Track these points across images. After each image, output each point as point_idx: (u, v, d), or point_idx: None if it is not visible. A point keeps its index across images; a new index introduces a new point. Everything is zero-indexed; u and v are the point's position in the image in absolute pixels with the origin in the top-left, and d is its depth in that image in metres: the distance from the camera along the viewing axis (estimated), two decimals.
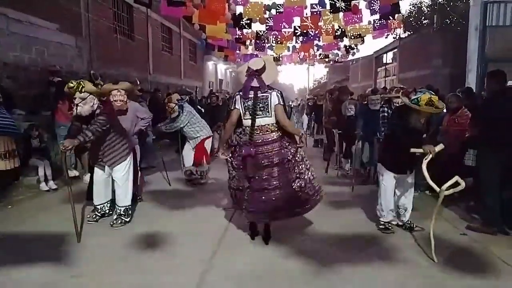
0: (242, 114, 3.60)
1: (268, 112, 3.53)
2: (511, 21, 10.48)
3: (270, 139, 3.58)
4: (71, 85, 4.00)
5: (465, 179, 4.02)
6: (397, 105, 4.36)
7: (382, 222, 4.15)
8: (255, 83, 3.53)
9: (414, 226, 4.14)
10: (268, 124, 3.57)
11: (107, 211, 4.51)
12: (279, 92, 3.59)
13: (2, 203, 5.26)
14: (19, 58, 7.51)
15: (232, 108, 3.65)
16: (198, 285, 3.00)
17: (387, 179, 4.08)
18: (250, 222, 3.88)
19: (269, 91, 3.54)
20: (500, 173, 3.97)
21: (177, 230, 4.17)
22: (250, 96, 3.53)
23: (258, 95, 3.51)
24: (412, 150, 3.61)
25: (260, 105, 3.51)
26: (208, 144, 6.44)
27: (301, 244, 3.79)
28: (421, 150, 3.54)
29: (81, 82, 4.07)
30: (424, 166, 3.49)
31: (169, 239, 3.94)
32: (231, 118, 3.68)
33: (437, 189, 3.43)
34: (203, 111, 9.29)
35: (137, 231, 4.14)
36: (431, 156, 3.48)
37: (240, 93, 3.59)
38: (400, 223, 4.18)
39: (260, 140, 3.56)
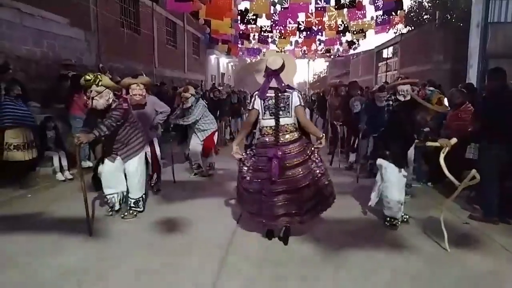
0: (261, 114, 3.57)
1: (289, 112, 3.51)
2: None
3: (291, 139, 3.55)
4: (88, 78, 4.01)
5: (466, 171, 4.27)
6: (403, 93, 4.32)
7: (389, 218, 4.13)
8: (273, 83, 3.51)
9: (406, 218, 4.28)
10: (288, 124, 3.53)
11: (115, 203, 4.50)
12: (300, 92, 3.61)
13: (20, 191, 5.47)
14: (31, 51, 7.66)
15: (251, 108, 3.62)
16: (220, 266, 3.23)
17: (392, 173, 4.04)
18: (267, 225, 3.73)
19: (290, 90, 3.53)
20: (499, 166, 4.19)
21: (194, 218, 4.39)
22: (268, 95, 3.52)
23: (279, 95, 3.49)
24: (429, 144, 3.74)
25: (281, 105, 3.49)
26: (215, 137, 6.67)
27: (311, 231, 3.97)
28: (437, 144, 3.68)
29: (99, 75, 4.09)
30: (441, 160, 3.60)
31: (188, 226, 4.17)
32: (250, 118, 3.67)
33: (457, 183, 3.54)
34: (206, 104, 9.46)
35: (156, 219, 4.37)
36: (448, 149, 3.61)
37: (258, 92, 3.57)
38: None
39: (282, 140, 3.52)
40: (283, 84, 3.52)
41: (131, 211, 4.48)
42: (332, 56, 21.89)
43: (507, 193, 4.32)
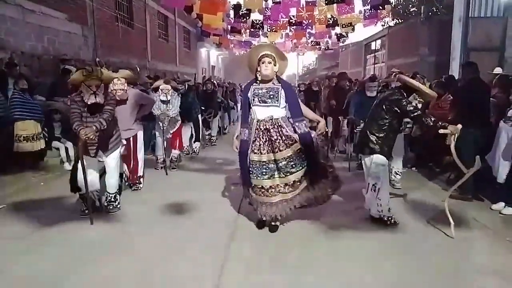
0: None
1: None
2: (491, 13, 11.24)
3: None
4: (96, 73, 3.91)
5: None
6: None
7: (387, 217, 4.03)
8: None
9: None
10: None
11: (96, 201, 4.44)
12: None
13: (33, 180, 5.81)
14: (34, 47, 7.92)
15: None
16: (229, 242, 3.64)
17: (386, 170, 4.05)
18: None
19: None
20: (474, 149, 4.67)
21: (198, 201, 4.78)
22: None
23: None
24: (441, 131, 3.81)
25: None
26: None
27: (309, 213, 4.23)
28: (448, 131, 3.79)
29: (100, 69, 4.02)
30: (452, 146, 3.80)
31: (196, 208, 4.58)
32: None
33: (465, 170, 3.86)
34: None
35: (164, 203, 4.74)
36: (457, 135, 3.78)
37: None
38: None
39: None
40: None
41: (113, 204, 4.44)
42: (321, 48, 22.21)
43: (481, 173, 4.82)
